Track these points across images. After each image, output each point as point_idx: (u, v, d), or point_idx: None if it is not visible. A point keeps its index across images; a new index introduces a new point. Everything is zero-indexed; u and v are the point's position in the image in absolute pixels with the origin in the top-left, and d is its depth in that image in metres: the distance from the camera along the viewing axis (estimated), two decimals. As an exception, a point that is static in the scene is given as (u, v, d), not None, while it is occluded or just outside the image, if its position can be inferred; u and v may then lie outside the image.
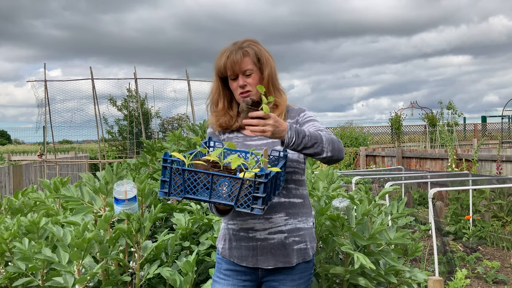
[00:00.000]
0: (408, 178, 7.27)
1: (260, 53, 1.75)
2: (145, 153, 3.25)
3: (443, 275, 4.37)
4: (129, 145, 16.83)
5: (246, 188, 1.38)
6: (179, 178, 1.41)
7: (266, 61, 1.75)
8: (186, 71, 13.16)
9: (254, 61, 1.73)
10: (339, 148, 1.62)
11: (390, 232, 2.32)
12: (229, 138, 1.84)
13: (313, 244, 1.79)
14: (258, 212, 1.38)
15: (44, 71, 12.04)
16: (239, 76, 1.73)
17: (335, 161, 1.63)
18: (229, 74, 1.73)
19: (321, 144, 1.58)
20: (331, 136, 1.62)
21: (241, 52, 1.72)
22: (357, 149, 13.52)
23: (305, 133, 1.56)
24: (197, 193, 1.41)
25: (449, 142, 8.65)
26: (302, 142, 1.54)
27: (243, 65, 1.71)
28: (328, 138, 1.60)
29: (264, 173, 1.37)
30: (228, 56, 1.71)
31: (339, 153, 1.62)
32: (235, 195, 1.38)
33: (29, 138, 27.25)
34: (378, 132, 21.26)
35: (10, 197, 2.87)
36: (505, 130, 22.59)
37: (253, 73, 1.73)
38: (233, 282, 1.76)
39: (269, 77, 1.75)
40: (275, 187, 1.56)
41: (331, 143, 1.60)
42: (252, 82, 1.73)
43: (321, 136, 1.59)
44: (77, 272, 2.05)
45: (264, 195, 1.37)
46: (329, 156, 1.60)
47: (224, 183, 1.39)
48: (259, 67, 1.74)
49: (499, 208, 6.20)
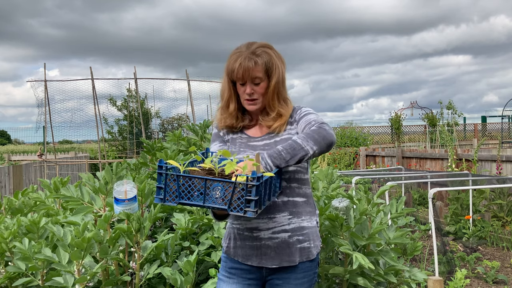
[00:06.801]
0: (408, 178, 7.27)
1: (271, 61, 1.74)
2: (145, 153, 3.25)
3: (443, 275, 4.38)
4: (129, 145, 16.84)
5: (239, 192, 1.40)
6: (174, 184, 1.44)
7: (275, 70, 1.75)
8: (186, 71, 13.18)
9: (264, 69, 1.73)
10: (324, 136, 1.61)
11: (390, 231, 2.32)
12: (233, 138, 1.86)
13: (318, 243, 1.79)
14: (251, 215, 1.40)
15: (44, 71, 12.06)
16: (248, 83, 1.74)
17: (327, 149, 1.63)
18: (239, 78, 1.74)
19: (301, 149, 1.58)
20: (311, 130, 1.62)
21: (253, 60, 1.71)
22: (357, 149, 13.53)
23: (279, 151, 1.57)
24: (192, 198, 1.43)
25: (449, 142, 8.65)
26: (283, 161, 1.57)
27: (253, 73, 1.71)
28: (306, 135, 1.60)
29: (255, 176, 1.38)
30: (240, 63, 1.71)
31: (325, 142, 1.61)
32: (228, 199, 1.40)
33: (29, 138, 27.26)
34: (378, 132, 21.26)
35: (10, 197, 2.88)
36: (505, 130, 22.59)
37: (261, 82, 1.74)
38: (238, 281, 1.77)
39: (275, 87, 1.75)
40: (270, 192, 1.57)
41: (310, 139, 1.59)
42: (259, 91, 1.74)
43: (295, 141, 1.59)
44: (77, 272, 2.06)
45: (256, 198, 1.39)
46: (317, 150, 1.59)
47: (217, 188, 1.41)
48: (268, 76, 1.75)
49: (499, 208, 6.20)
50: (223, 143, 1.87)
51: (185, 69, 13.63)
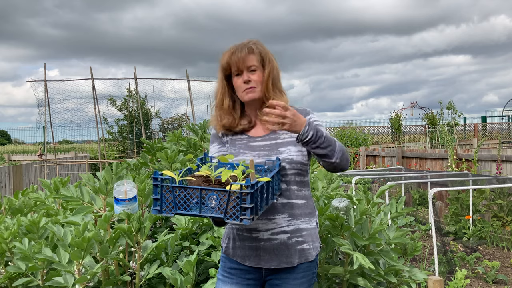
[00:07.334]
0: (408, 178, 7.27)
1: (264, 51, 1.79)
2: (145, 153, 3.25)
3: (443, 275, 4.38)
4: (129, 145, 16.84)
5: (234, 200, 1.40)
6: (170, 195, 1.45)
7: (269, 60, 1.78)
8: (186, 71, 13.18)
9: (259, 59, 1.76)
10: (347, 158, 1.72)
11: (390, 231, 2.32)
12: (233, 140, 1.85)
13: (317, 244, 1.80)
14: (247, 222, 1.40)
15: (44, 71, 12.05)
16: (244, 72, 1.75)
17: (340, 169, 1.73)
18: (234, 70, 1.76)
19: (334, 149, 1.67)
20: (342, 145, 1.72)
21: (246, 48, 1.75)
22: (357, 149, 13.53)
23: (323, 133, 1.64)
24: (188, 208, 1.44)
25: (449, 142, 8.65)
26: (318, 140, 1.63)
27: (248, 61, 1.74)
28: (340, 145, 1.70)
29: (250, 184, 1.39)
30: (233, 52, 1.75)
31: (346, 162, 1.72)
32: (224, 207, 1.41)
33: (29, 138, 27.28)
34: (378, 132, 21.27)
35: (10, 197, 2.88)
36: (505, 130, 22.59)
37: (257, 70, 1.76)
38: (237, 281, 1.78)
39: (269, 75, 1.77)
40: (268, 196, 1.58)
41: (341, 151, 1.69)
42: (256, 79, 1.75)
43: (335, 141, 1.68)
44: (77, 272, 2.06)
45: (251, 206, 1.40)
46: (337, 162, 1.68)
47: (213, 197, 1.42)
48: (262, 65, 1.77)
49: (499, 208, 6.20)
50: (221, 144, 1.86)
51: (185, 69, 13.64)
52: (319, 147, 1.64)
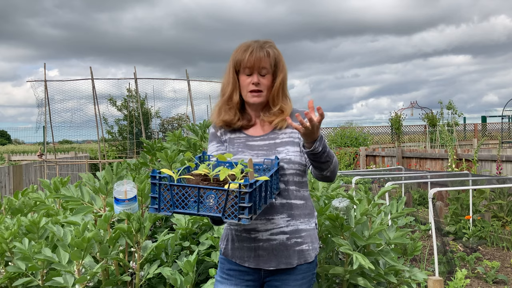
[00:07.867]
0: (408, 178, 7.27)
1: (279, 57, 1.79)
2: (145, 153, 3.25)
3: (443, 275, 4.38)
4: (129, 145, 16.84)
5: (232, 199, 1.40)
6: (167, 193, 1.45)
7: (282, 67, 1.79)
8: (186, 71, 13.18)
9: (272, 63, 1.76)
10: (336, 173, 1.78)
11: (390, 232, 2.32)
12: (231, 139, 1.84)
13: (316, 245, 1.79)
14: (245, 222, 1.40)
15: (44, 71, 12.05)
16: (255, 73, 1.75)
17: (327, 181, 1.79)
18: (246, 69, 1.75)
19: (330, 165, 1.70)
20: (337, 160, 1.77)
21: (265, 50, 1.75)
22: (357, 149, 13.53)
23: (326, 149, 1.67)
24: (186, 207, 1.43)
25: (449, 142, 8.65)
26: (322, 156, 1.65)
27: (263, 63, 1.74)
28: (336, 161, 1.74)
29: (248, 183, 1.38)
30: (251, 52, 1.73)
31: (334, 176, 1.77)
32: (222, 206, 1.40)
33: (29, 138, 27.28)
34: (378, 132, 21.25)
35: (10, 197, 2.88)
36: (505, 130, 22.59)
37: (267, 74, 1.76)
38: (236, 282, 1.77)
39: (281, 82, 1.78)
40: (266, 195, 1.57)
41: (335, 167, 1.73)
42: (265, 83, 1.76)
43: (333, 156, 1.71)
44: (77, 272, 2.06)
45: (250, 205, 1.39)
46: (327, 176, 1.74)
47: (211, 196, 1.41)
48: (274, 70, 1.77)
49: (499, 208, 6.20)
50: (220, 143, 1.85)
51: (185, 69, 13.64)
52: (319, 161, 1.66)
